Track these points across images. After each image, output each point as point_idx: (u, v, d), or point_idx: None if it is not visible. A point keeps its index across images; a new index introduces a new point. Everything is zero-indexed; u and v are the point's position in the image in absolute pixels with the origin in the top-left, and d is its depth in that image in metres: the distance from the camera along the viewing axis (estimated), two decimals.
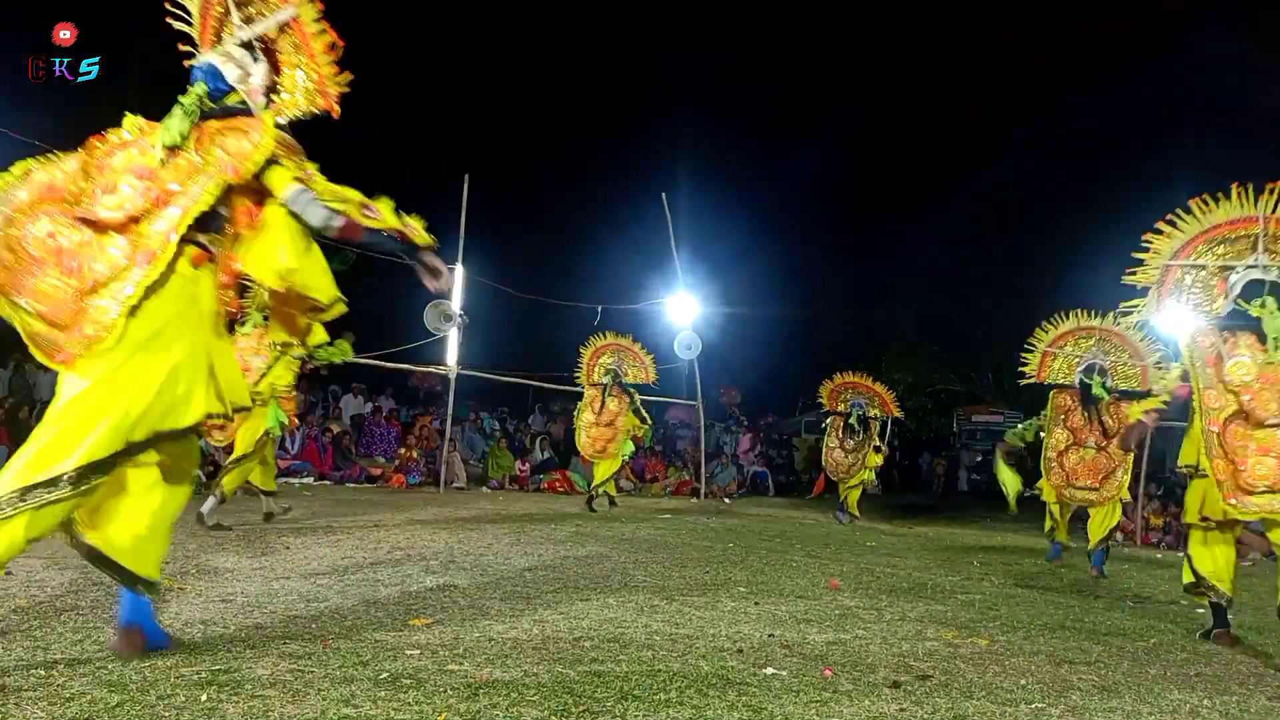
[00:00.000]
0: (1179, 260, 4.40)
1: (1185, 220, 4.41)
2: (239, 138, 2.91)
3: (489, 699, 2.65)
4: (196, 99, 2.95)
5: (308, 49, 3.17)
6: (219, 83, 3.04)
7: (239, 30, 3.14)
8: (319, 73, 3.16)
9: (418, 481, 12.29)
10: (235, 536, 5.86)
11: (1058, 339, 7.39)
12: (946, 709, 2.84)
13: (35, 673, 2.64)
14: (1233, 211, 4.32)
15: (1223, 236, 4.35)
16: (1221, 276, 4.33)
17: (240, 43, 3.14)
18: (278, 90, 3.23)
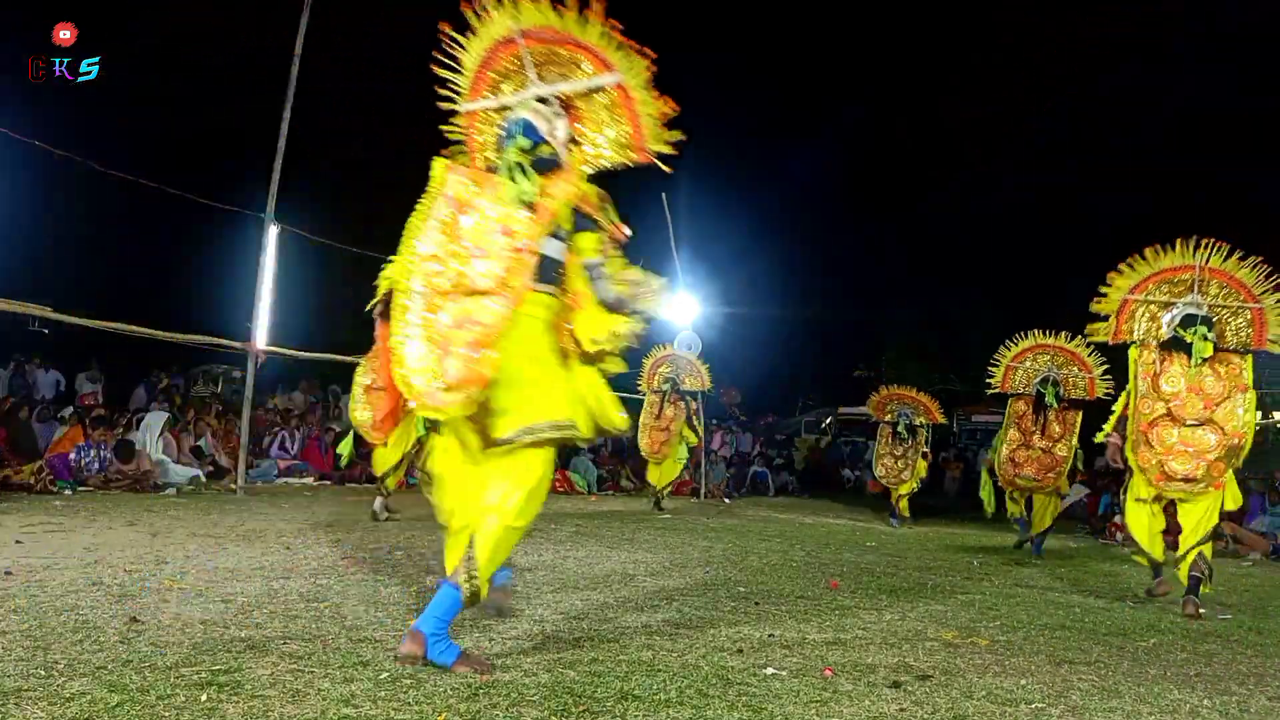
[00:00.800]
0: (1134, 295, 5.54)
1: (1140, 264, 5.54)
2: (561, 185, 3.17)
3: (489, 699, 2.65)
4: (522, 153, 3.16)
5: (627, 110, 3.32)
6: (534, 136, 3.22)
7: (536, 86, 3.33)
8: (639, 131, 3.33)
9: (417, 482, 12.28)
10: (235, 536, 5.86)
11: (1019, 354, 8.33)
12: (946, 709, 2.84)
13: (35, 673, 2.64)
14: (1176, 259, 5.48)
15: (1167, 279, 5.51)
16: (1165, 309, 5.46)
17: (538, 98, 3.32)
18: (578, 142, 3.40)
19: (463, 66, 3.45)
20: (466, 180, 3.18)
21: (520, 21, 3.31)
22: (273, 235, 9.40)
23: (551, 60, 3.37)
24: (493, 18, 3.34)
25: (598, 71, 3.31)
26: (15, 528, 5.71)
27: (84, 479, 8.81)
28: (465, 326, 2.97)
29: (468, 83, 3.46)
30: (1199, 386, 5.15)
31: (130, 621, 3.30)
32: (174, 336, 9.19)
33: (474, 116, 3.50)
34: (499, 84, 3.44)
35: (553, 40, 3.33)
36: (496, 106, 3.42)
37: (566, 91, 3.33)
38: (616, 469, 14.90)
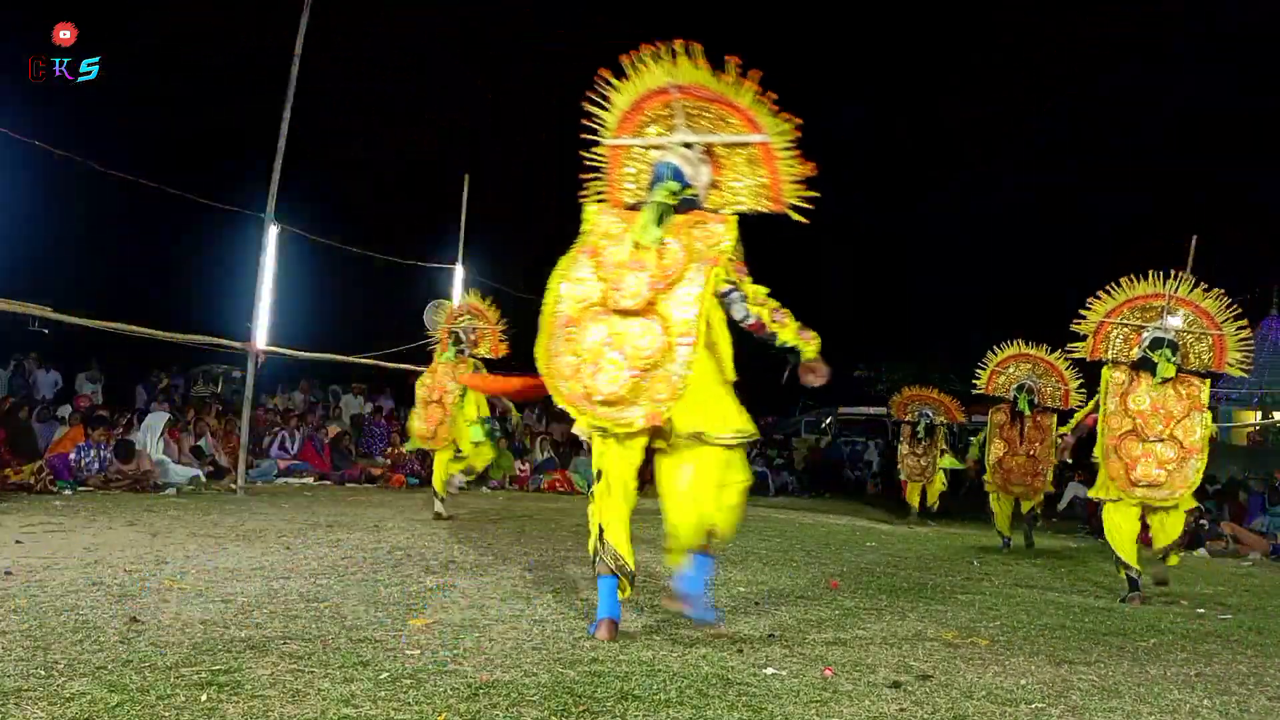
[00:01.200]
0: (1110, 319, 6.19)
1: (1116, 291, 6.17)
2: (706, 230, 3.49)
3: (489, 699, 2.65)
4: (670, 195, 3.52)
5: (768, 165, 3.70)
6: (681, 179, 3.59)
7: (683, 133, 3.71)
8: (777, 185, 3.70)
9: (418, 482, 12.29)
10: (235, 536, 5.86)
11: (1003, 360, 8.99)
12: (946, 709, 2.84)
13: (35, 673, 2.64)
14: (1148, 288, 6.11)
15: (1140, 305, 6.12)
16: (1136, 332, 6.06)
17: (685, 144, 3.70)
18: (717, 186, 3.75)
19: (613, 106, 3.83)
20: (615, 218, 3.62)
21: (676, 77, 3.65)
22: (273, 235, 9.40)
23: (700, 113, 3.72)
24: (650, 69, 3.70)
25: (746, 129, 3.66)
26: (15, 528, 5.71)
27: (84, 479, 8.81)
28: (619, 347, 3.40)
29: (614, 121, 3.85)
30: (1162, 405, 5.72)
31: (130, 621, 3.30)
32: (174, 336, 9.19)
33: (616, 151, 3.90)
34: (645, 126, 3.82)
35: (706, 98, 3.68)
36: (644, 145, 3.82)
37: (714, 142, 3.71)
38: None
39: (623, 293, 3.43)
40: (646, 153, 3.83)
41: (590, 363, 3.42)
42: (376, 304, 17.04)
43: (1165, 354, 5.74)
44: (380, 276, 14.00)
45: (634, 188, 3.86)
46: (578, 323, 3.48)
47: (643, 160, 3.84)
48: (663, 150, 3.74)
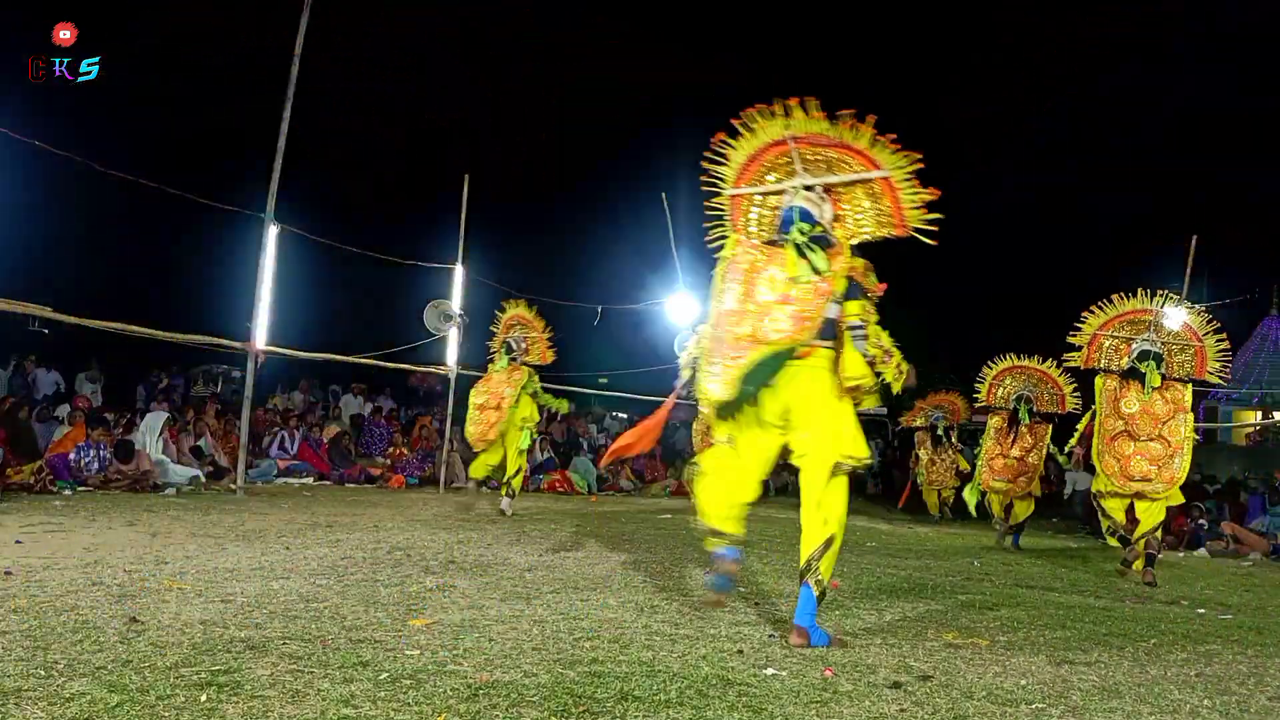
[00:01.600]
0: (1103, 332, 6.92)
1: (1107, 308, 6.95)
2: (838, 259, 3.83)
3: (489, 699, 2.65)
4: (802, 234, 3.87)
5: (890, 195, 3.98)
6: (809, 219, 3.95)
7: (803, 177, 4.05)
8: (899, 212, 3.99)
9: (418, 481, 12.29)
10: (235, 536, 5.86)
11: (1000, 373, 9.50)
12: (946, 709, 2.84)
13: (35, 673, 2.64)
14: (1136, 304, 6.88)
15: (1129, 320, 6.87)
16: (1126, 344, 6.83)
17: (806, 186, 4.03)
18: (840, 220, 4.09)
19: (731, 160, 4.21)
20: (755, 252, 3.91)
21: (793, 129, 4.04)
22: (273, 235, 9.40)
23: (818, 157, 4.06)
24: (764, 125, 4.10)
25: (865, 167, 3.98)
26: (15, 528, 5.71)
27: (84, 479, 8.81)
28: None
29: (733, 173, 4.22)
30: (1151, 409, 6.49)
31: (130, 621, 3.30)
32: (174, 336, 9.18)
33: (737, 200, 4.28)
34: (764, 175, 4.19)
35: (823, 144, 4.02)
36: (765, 191, 4.20)
37: (835, 183, 4.04)
38: (616, 469, 14.91)
39: (770, 326, 3.78)
40: (766, 199, 4.23)
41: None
42: (376, 304, 17.05)
43: (1152, 364, 6.56)
44: (380, 276, 14.01)
45: (756, 230, 4.26)
46: (734, 346, 3.82)
47: (764, 205, 4.26)
48: (785, 194, 4.08)
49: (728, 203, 4.31)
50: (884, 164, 3.96)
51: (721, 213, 4.33)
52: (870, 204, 4.06)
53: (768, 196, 4.22)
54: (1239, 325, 19.08)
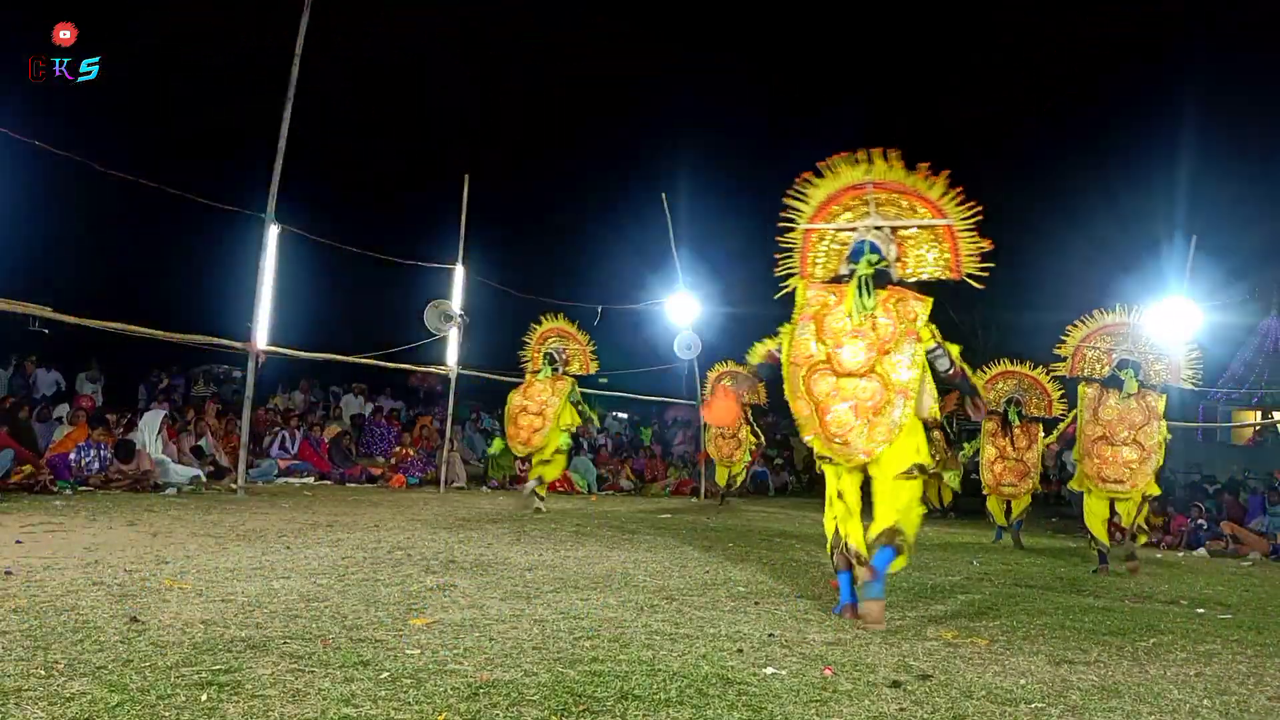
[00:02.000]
0: (1085, 344, 7.49)
1: (1091, 319, 7.53)
2: (908, 308, 4.35)
3: (489, 699, 2.65)
4: (869, 266, 4.36)
5: (950, 242, 4.52)
6: (877, 253, 4.42)
7: (875, 218, 4.54)
8: (957, 258, 4.52)
9: (418, 481, 12.29)
10: (235, 536, 5.86)
11: (991, 378, 9.83)
12: (946, 709, 2.84)
13: (35, 673, 2.64)
14: (1114, 317, 7.44)
15: (1110, 332, 7.42)
16: (1107, 354, 7.38)
17: (875, 226, 4.52)
18: (902, 260, 4.58)
19: (810, 199, 4.67)
20: (821, 292, 4.49)
21: (873, 175, 4.52)
22: (273, 235, 9.40)
23: (890, 202, 4.55)
24: (844, 170, 4.58)
25: (932, 215, 4.51)
26: (15, 528, 5.72)
27: (84, 479, 8.81)
28: (845, 398, 4.30)
29: (810, 210, 4.69)
30: (1127, 415, 7.10)
31: (130, 621, 3.30)
32: (174, 336, 9.19)
33: (809, 234, 4.73)
34: (838, 215, 4.65)
35: (898, 190, 4.52)
36: (838, 228, 4.65)
37: (903, 226, 4.54)
38: (616, 469, 14.91)
39: (845, 357, 4.33)
40: (837, 234, 4.68)
41: (823, 409, 4.33)
42: (376, 304, 17.04)
43: (1130, 373, 7.14)
44: (380, 276, 14.00)
45: (824, 262, 4.71)
46: (809, 378, 4.37)
47: (834, 240, 4.70)
48: (857, 232, 4.58)
49: (800, 236, 4.76)
50: (950, 214, 4.48)
51: (792, 244, 4.79)
52: (932, 248, 4.57)
53: (839, 232, 4.67)
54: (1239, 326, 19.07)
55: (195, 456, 10.67)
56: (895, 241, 4.56)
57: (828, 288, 4.52)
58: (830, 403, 4.34)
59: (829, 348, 4.38)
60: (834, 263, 4.67)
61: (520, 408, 9.28)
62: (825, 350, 4.38)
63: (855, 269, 4.41)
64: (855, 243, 4.53)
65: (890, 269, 4.49)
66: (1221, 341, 17.99)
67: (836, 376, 4.35)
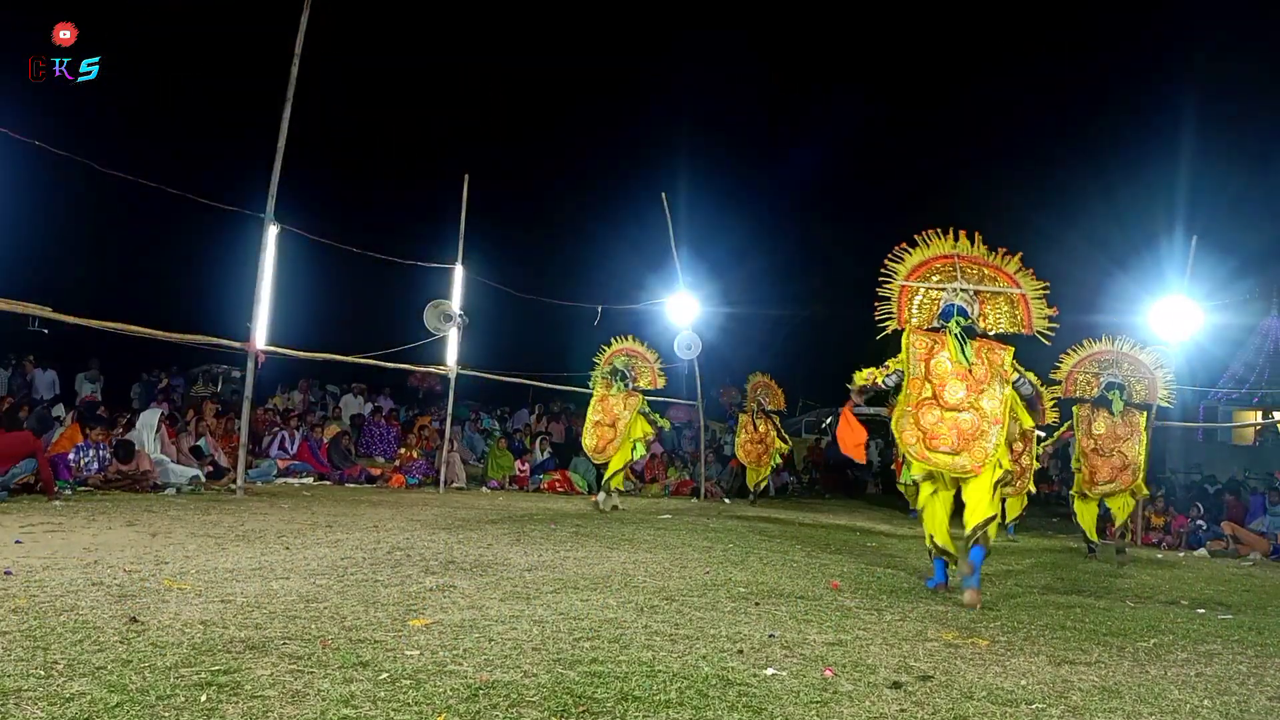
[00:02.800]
0: (1077, 369, 8.75)
1: (1080, 347, 8.78)
2: (994, 352, 5.41)
3: (489, 699, 2.65)
4: (958, 325, 5.45)
5: (1024, 306, 5.62)
6: (965, 314, 5.49)
7: (961, 282, 5.60)
8: (1029, 319, 5.63)
9: (418, 481, 12.29)
10: (235, 536, 5.86)
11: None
12: (946, 709, 2.84)
13: (35, 673, 2.64)
14: (1104, 345, 8.69)
15: (1098, 359, 8.67)
16: (1095, 378, 8.64)
17: (961, 289, 5.58)
18: (984, 317, 5.67)
19: (905, 262, 5.75)
20: (925, 339, 5.50)
21: (958, 249, 5.66)
22: (273, 235, 9.40)
23: (974, 270, 5.65)
24: (936, 242, 5.71)
25: (1009, 285, 5.63)
26: (15, 528, 5.71)
27: (84, 479, 8.81)
28: (950, 426, 5.29)
29: (905, 270, 5.75)
30: (1114, 431, 8.37)
31: (130, 621, 3.30)
32: (174, 336, 9.18)
33: (906, 289, 5.76)
34: (930, 275, 5.72)
35: (980, 263, 5.66)
36: (930, 287, 5.72)
37: (985, 291, 5.66)
38: None
39: (949, 394, 5.35)
40: (929, 292, 5.74)
41: (930, 435, 5.33)
42: (376, 304, 17.04)
43: (1117, 394, 8.35)
44: (380, 276, 14.00)
45: (919, 314, 5.76)
46: (918, 410, 5.39)
47: (926, 297, 5.76)
48: (946, 292, 5.60)
49: (896, 291, 5.80)
50: (1024, 286, 5.60)
51: (889, 296, 5.85)
52: (1008, 309, 5.69)
53: (929, 291, 5.73)
54: (1240, 326, 19.06)
55: (194, 457, 10.66)
56: (978, 300, 5.65)
57: (931, 335, 5.51)
58: (938, 430, 5.34)
59: (934, 386, 5.40)
60: (926, 315, 5.73)
61: (595, 420, 10.28)
62: (931, 389, 5.40)
63: (948, 325, 5.47)
64: (945, 304, 5.59)
65: (975, 324, 5.54)
66: (1222, 341, 18.00)
67: (942, 410, 5.35)
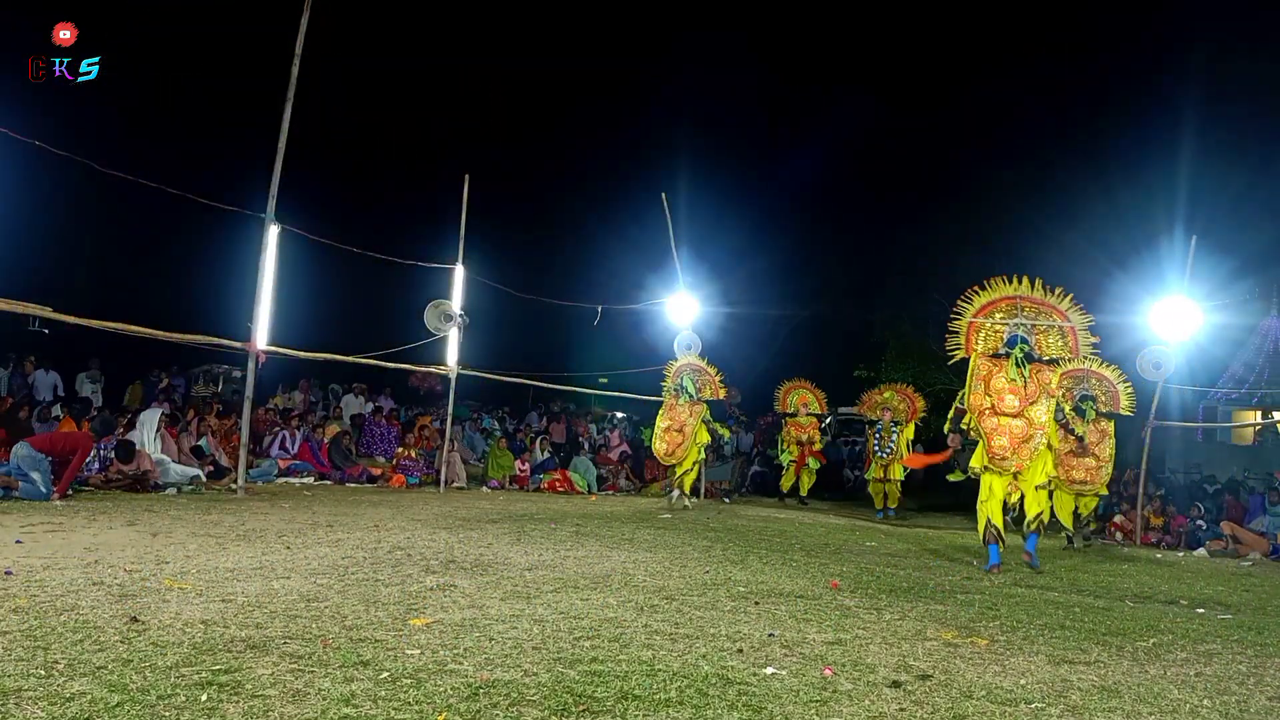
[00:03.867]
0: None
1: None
2: (1044, 376, 7.02)
3: (489, 698, 2.65)
4: (1020, 350, 6.99)
5: (1074, 336, 7.19)
6: (1026, 341, 7.03)
7: (1022, 317, 7.16)
8: (1075, 347, 7.25)
9: (418, 481, 12.28)
10: (235, 536, 5.86)
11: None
12: (946, 709, 2.84)
13: (35, 673, 2.64)
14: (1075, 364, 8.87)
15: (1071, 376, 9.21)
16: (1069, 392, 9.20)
17: (1016, 323, 7.16)
18: (1039, 344, 7.16)
19: (974, 302, 7.34)
20: (988, 363, 7.13)
21: (1019, 291, 7.24)
22: (273, 235, 9.40)
23: (1032, 306, 7.19)
24: (1000, 286, 7.32)
25: (1061, 320, 7.21)
26: (15, 528, 5.71)
27: (84, 479, 8.81)
28: (1004, 432, 6.87)
29: (973, 309, 7.32)
30: (1090, 437, 9.27)
31: (130, 621, 3.30)
32: (174, 336, 9.18)
33: (974, 324, 7.31)
34: (994, 312, 7.28)
35: (1038, 304, 7.21)
36: (994, 322, 7.26)
37: (1040, 324, 7.18)
38: (616, 469, 14.91)
39: (1004, 405, 6.96)
40: (993, 326, 7.30)
41: (990, 437, 6.92)
42: (376, 304, 17.05)
43: (1090, 404, 9.35)
44: (380, 276, 14.01)
45: (984, 342, 7.30)
46: (980, 418, 7.00)
47: (990, 330, 7.32)
48: (1009, 326, 7.18)
49: (965, 325, 7.38)
50: (1074, 320, 7.18)
51: (958, 330, 7.42)
52: (1059, 339, 7.25)
53: (994, 325, 7.29)
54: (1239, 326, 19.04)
55: (195, 456, 10.66)
56: (1036, 333, 7.21)
57: (992, 361, 7.13)
58: (994, 435, 6.90)
59: (993, 399, 6.98)
60: (992, 343, 7.26)
61: (664, 427, 11.44)
62: (990, 401, 6.98)
63: (1012, 351, 7.00)
64: (1009, 334, 7.16)
65: (1032, 351, 7.08)
66: (1221, 341, 17.98)
67: (998, 417, 6.93)
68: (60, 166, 7.81)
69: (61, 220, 15.65)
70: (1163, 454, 15.37)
